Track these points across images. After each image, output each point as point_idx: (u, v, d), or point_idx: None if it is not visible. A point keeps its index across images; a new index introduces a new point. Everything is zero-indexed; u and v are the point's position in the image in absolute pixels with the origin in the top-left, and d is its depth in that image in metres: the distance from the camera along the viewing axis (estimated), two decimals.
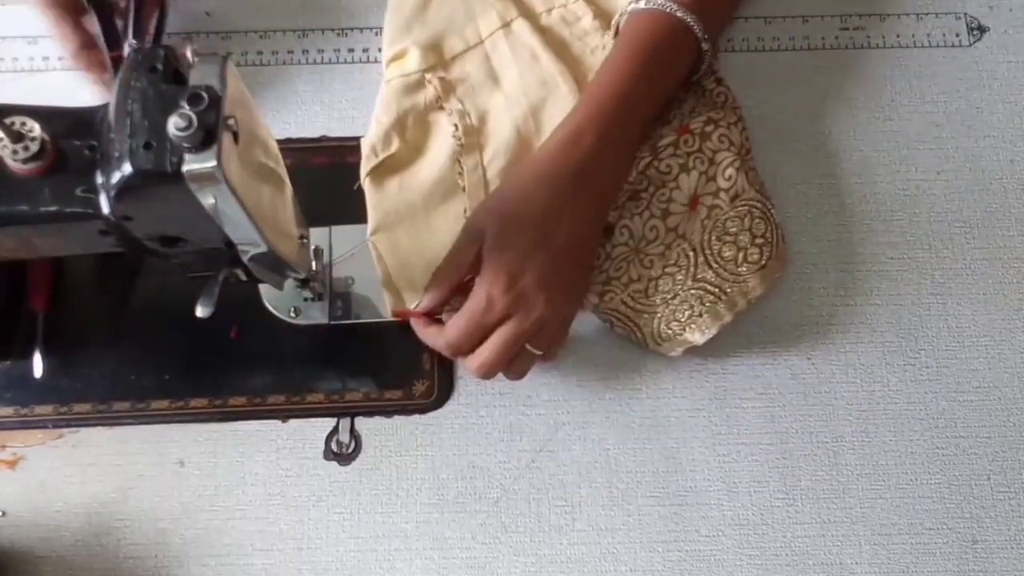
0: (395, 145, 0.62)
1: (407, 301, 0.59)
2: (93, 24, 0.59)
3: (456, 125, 0.62)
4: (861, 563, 0.57)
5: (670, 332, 0.58)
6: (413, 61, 0.64)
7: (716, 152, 0.60)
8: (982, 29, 0.69)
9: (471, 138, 0.62)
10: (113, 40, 0.58)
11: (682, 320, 0.58)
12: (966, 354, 0.61)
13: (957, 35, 0.69)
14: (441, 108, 0.63)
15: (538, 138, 0.62)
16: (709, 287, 0.59)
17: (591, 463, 0.59)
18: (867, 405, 0.60)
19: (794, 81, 0.67)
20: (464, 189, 0.61)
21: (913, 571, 0.57)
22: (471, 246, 0.55)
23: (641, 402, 0.60)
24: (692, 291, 0.59)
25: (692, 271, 0.59)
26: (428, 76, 0.64)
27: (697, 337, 0.58)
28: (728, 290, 0.58)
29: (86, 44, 0.61)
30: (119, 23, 0.59)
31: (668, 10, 0.58)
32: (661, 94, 0.60)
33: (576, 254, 0.56)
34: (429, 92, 0.64)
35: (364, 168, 0.61)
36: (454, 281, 0.56)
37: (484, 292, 0.53)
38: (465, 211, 0.60)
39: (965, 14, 0.69)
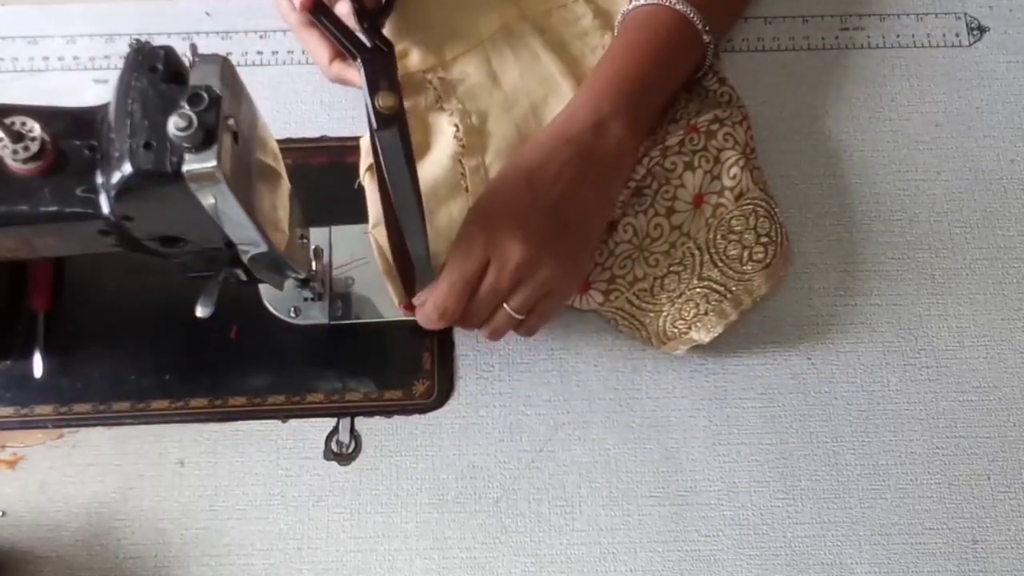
0: None
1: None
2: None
3: (457, 126, 0.62)
4: (861, 563, 0.57)
5: (676, 331, 0.58)
6: (414, 61, 0.64)
7: (721, 151, 0.61)
8: (982, 29, 0.69)
9: (472, 138, 0.62)
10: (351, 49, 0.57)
11: (688, 319, 0.58)
12: (966, 354, 0.61)
13: (957, 35, 0.69)
14: (441, 109, 0.63)
15: None
16: (715, 286, 0.59)
17: (591, 463, 0.59)
18: (867, 405, 0.60)
19: (794, 81, 0.67)
20: (467, 189, 0.61)
21: (913, 571, 0.57)
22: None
23: (641, 402, 0.60)
24: (698, 290, 0.59)
25: (698, 270, 0.59)
26: (428, 76, 0.64)
27: (703, 336, 0.58)
28: (734, 288, 0.58)
29: (337, 55, 0.61)
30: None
31: (667, 4, 0.59)
32: (664, 81, 0.60)
33: (571, 218, 0.55)
34: (429, 93, 0.64)
35: (364, 163, 0.61)
36: None
37: (460, 239, 0.53)
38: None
39: (965, 14, 0.69)
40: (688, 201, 0.60)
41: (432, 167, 0.61)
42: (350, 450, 0.59)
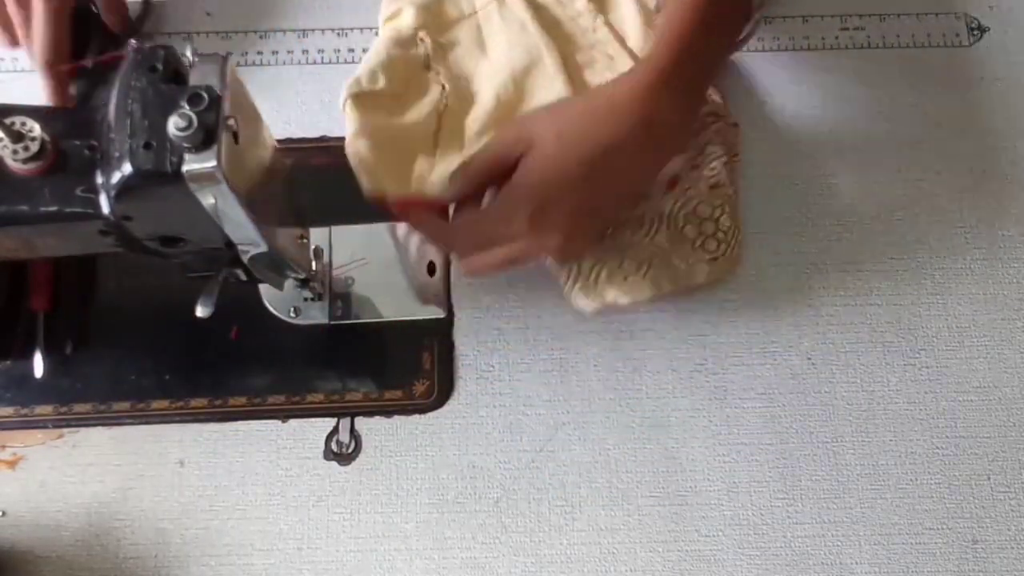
0: (381, 83, 0.61)
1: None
2: None
3: (444, 86, 0.62)
4: (861, 563, 0.57)
5: (600, 279, 0.58)
6: (408, 19, 0.64)
7: (708, 144, 0.61)
8: (982, 29, 0.69)
9: (455, 103, 0.63)
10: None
11: (621, 276, 0.58)
12: (966, 354, 0.61)
13: (957, 35, 0.69)
14: (428, 69, 0.64)
15: (519, 105, 0.62)
16: (660, 252, 0.59)
17: (591, 463, 0.58)
18: (867, 405, 0.60)
19: (794, 81, 0.67)
20: (437, 147, 0.61)
21: (913, 571, 0.57)
22: (514, 150, 0.53)
23: (641, 402, 0.60)
24: (645, 249, 0.58)
25: (651, 234, 0.59)
26: (421, 34, 0.64)
27: (623, 298, 0.57)
28: (675, 262, 0.58)
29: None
30: None
31: None
32: (721, 52, 0.59)
33: (613, 204, 0.55)
34: (420, 50, 0.64)
35: (345, 92, 0.60)
36: (483, 180, 0.55)
37: (509, 206, 0.52)
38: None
39: (965, 14, 0.69)
40: (662, 182, 0.60)
41: (414, 115, 0.62)
42: (350, 450, 0.59)
